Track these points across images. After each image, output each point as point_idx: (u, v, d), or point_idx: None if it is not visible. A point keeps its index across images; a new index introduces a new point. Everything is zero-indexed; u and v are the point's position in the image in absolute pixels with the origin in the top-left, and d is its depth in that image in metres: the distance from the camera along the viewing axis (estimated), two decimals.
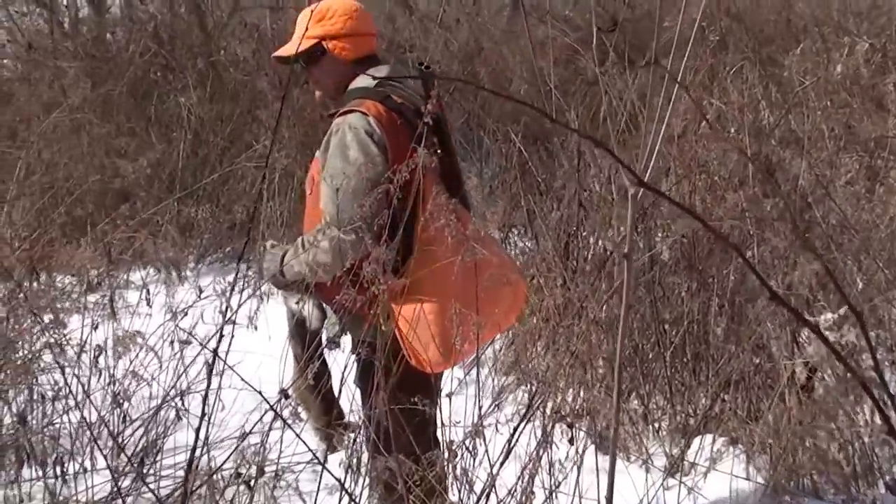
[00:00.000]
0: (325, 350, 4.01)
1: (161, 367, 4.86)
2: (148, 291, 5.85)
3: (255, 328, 3.77)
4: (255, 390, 3.44)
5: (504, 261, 4.22)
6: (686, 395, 5.79)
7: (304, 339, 4.12)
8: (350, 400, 4.13)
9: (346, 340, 4.05)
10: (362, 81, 4.10)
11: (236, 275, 3.63)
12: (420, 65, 4.15)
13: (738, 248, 4.11)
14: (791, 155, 6.52)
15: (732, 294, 5.80)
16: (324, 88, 4.31)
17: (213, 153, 10.68)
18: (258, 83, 11.10)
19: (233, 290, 3.49)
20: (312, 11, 4.18)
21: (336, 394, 4.07)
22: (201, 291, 5.33)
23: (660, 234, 6.28)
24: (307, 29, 4.11)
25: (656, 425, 5.73)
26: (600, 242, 6.60)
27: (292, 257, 4.00)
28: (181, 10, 13.04)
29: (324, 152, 3.98)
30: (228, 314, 3.42)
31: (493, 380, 6.32)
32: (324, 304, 4.12)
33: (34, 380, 5.24)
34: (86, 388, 4.67)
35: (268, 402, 3.40)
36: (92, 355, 4.94)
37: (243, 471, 3.44)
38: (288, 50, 4.29)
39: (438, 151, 3.81)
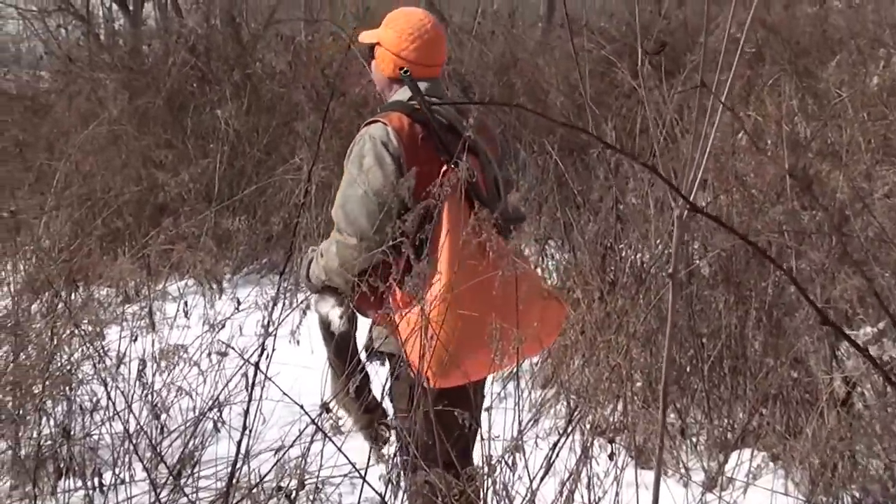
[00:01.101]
0: (365, 356, 4.05)
1: (199, 378, 4.87)
2: (186, 303, 5.86)
3: (298, 342, 3.78)
4: (296, 403, 3.46)
5: (536, 278, 4.20)
6: (724, 409, 5.77)
7: (336, 343, 4.15)
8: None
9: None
10: (400, 95, 4.13)
11: (278, 288, 3.65)
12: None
13: (793, 278, 4.09)
14: (828, 168, 6.50)
15: (770, 307, 5.79)
16: (374, 80, 4.39)
17: (249, 165, 10.72)
18: (294, 95, 11.15)
19: (275, 303, 3.51)
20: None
21: (377, 393, 4.11)
22: (239, 303, 5.33)
23: (696, 246, 6.27)
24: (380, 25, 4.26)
25: (694, 440, 5.71)
26: (638, 256, 6.59)
27: (315, 264, 4.06)
28: (216, 22, 13.10)
29: (347, 158, 4.04)
30: (271, 328, 3.44)
31: (529, 393, 6.32)
32: (355, 311, 4.14)
33: (73, 391, 5.27)
34: (126, 399, 4.68)
35: (309, 416, 3.41)
36: (133, 367, 4.95)
37: (284, 484, 3.44)
38: (363, 37, 4.36)
39: (469, 168, 3.82)
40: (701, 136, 2.45)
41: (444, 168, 3.80)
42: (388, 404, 4.13)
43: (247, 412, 3.42)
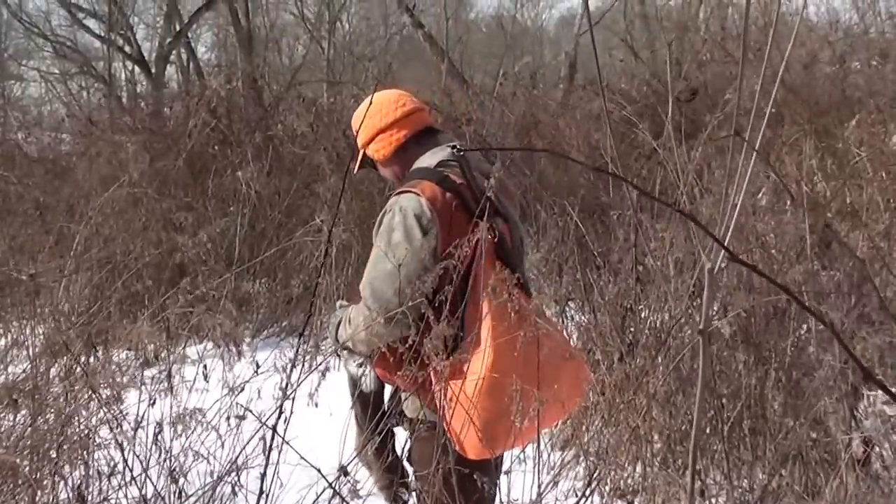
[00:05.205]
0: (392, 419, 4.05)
1: (218, 442, 4.86)
2: (205, 366, 5.85)
3: (316, 405, 3.76)
4: (313, 467, 3.45)
5: (564, 339, 4.19)
6: (744, 470, 5.74)
7: (362, 401, 4.15)
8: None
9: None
10: (426, 161, 4.08)
11: (296, 350, 3.65)
12: (452, 147, 4.10)
13: (836, 332, 4.06)
14: (848, 227, 6.50)
15: (790, 368, 5.77)
16: (389, 177, 4.36)
17: (270, 227, 10.75)
18: (315, 157, 11.18)
19: (293, 366, 3.51)
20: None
21: (399, 454, 4.11)
22: (258, 367, 5.32)
23: (716, 307, 6.25)
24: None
25: (714, 501, 5.68)
26: (657, 317, 6.57)
27: (343, 328, 4.04)
28: (238, 84, 13.19)
29: (376, 229, 3.99)
30: (289, 391, 3.44)
31: (548, 454, 6.29)
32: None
33: (91, 455, 5.25)
34: (143, 463, 4.67)
35: (326, 480, 3.41)
36: (150, 431, 4.94)
37: None
38: (357, 166, 4.38)
39: (496, 231, 3.80)
40: (733, 188, 2.45)
41: (478, 233, 3.74)
42: (408, 466, 4.13)
43: (263, 475, 3.42)
